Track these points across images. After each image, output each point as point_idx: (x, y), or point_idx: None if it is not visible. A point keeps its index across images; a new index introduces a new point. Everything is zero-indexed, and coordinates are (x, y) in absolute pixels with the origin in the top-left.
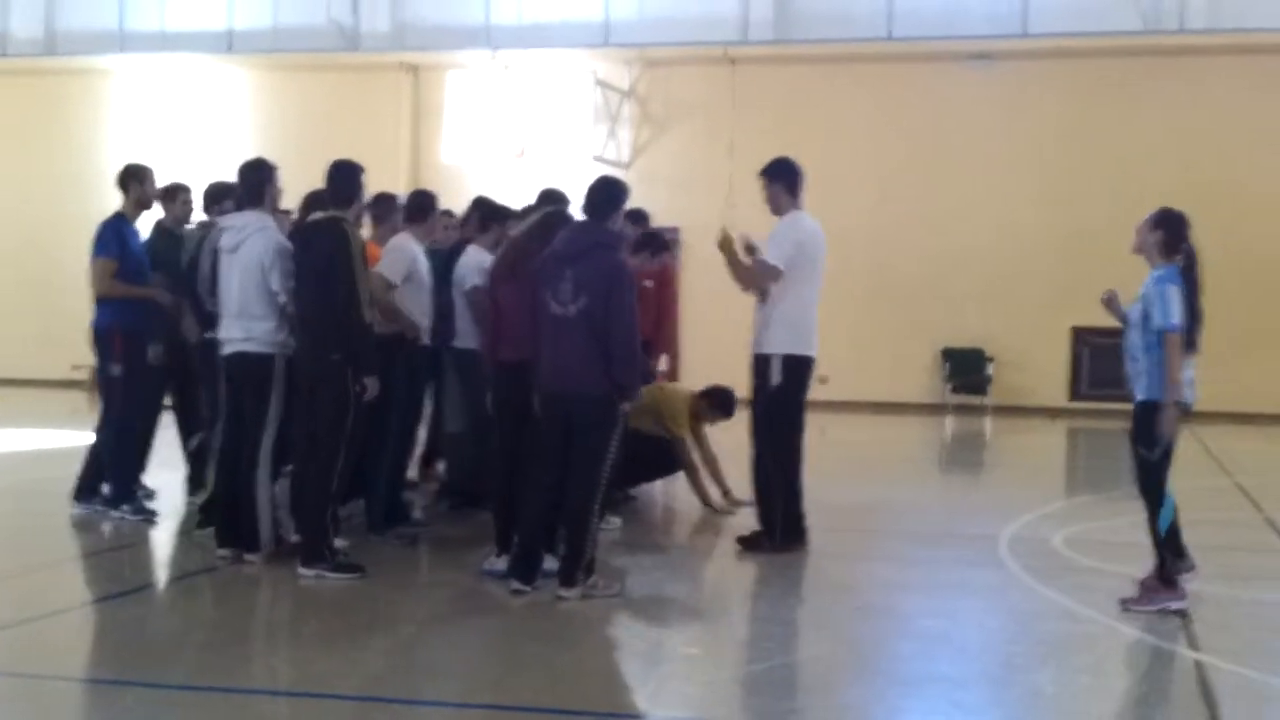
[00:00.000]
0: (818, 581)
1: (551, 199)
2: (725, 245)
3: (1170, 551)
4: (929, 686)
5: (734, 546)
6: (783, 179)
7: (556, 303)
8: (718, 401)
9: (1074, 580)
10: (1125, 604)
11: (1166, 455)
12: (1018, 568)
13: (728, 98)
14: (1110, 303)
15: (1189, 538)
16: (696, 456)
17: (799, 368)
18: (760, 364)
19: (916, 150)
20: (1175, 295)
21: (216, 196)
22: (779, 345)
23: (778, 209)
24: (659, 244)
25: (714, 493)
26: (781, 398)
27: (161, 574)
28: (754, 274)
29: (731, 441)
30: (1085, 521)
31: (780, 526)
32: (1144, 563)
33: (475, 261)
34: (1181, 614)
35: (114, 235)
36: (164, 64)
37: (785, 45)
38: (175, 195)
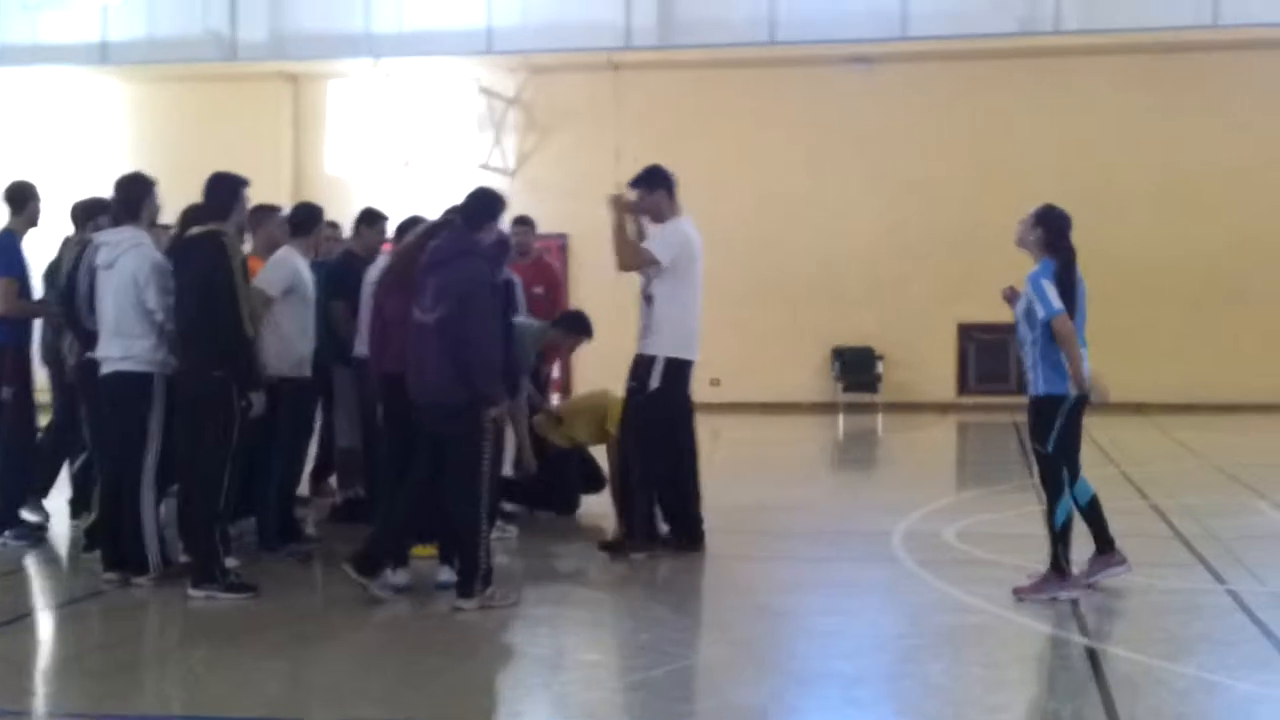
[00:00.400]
0: (715, 583)
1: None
2: (618, 203)
3: (1063, 545)
4: (825, 683)
5: (599, 552)
6: (663, 185)
7: (420, 310)
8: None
9: (966, 573)
10: (1018, 593)
11: (1064, 449)
12: (911, 562)
13: (612, 104)
14: (1011, 299)
15: (1079, 527)
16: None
17: (679, 371)
18: (642, 365)
19: (801, 152)
20: (1049, 286)
21: (91, 212)
22: (662, 348)
23: (660, 216)
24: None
25: None
26: (660, 400)
27: (46, 600)
28: (635, 251)
29: None
30: (976, 515)
31: (641, 528)
32: (1034, 554)
33: None
34: (1073, 602)
35: (11, 252)
36: (37, 76)
37: (668, 50)
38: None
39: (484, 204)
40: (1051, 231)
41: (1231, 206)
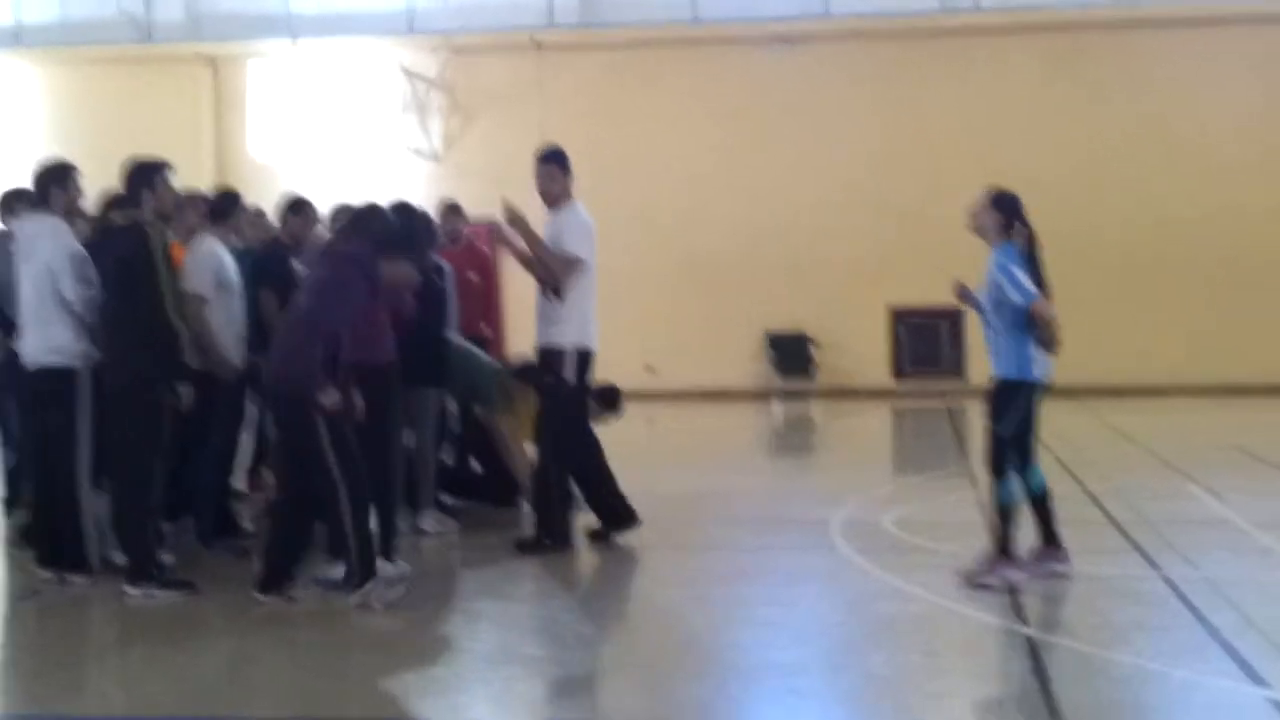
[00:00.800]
0: (655, 574)
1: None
2: (517, 220)
3: (1009, 525)
4: (766, 674)
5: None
6: (562, 165)
7: None
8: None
9: (905, 560)
10: (966, 577)
11: (1019, 433)
12: (850, 551)
13: (535, 84)
14: (964, 296)
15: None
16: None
17: (587, 361)
18: (554, 357)
19: (726, 134)
20: (1018, 272)
21: (8, 202)
22: (569, 337)
23: (550, 197)
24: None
25: None
26: (573, 392)
27: None
28: (564, 264)
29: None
30: (913, 502)
31: (559, 526)
32: (973, 540)
33: None
34: (1011, 590)
35: None
36: None
37: (591, 30)
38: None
39: (377, 226)
40: (1008, 214)
41: (1152, 185)
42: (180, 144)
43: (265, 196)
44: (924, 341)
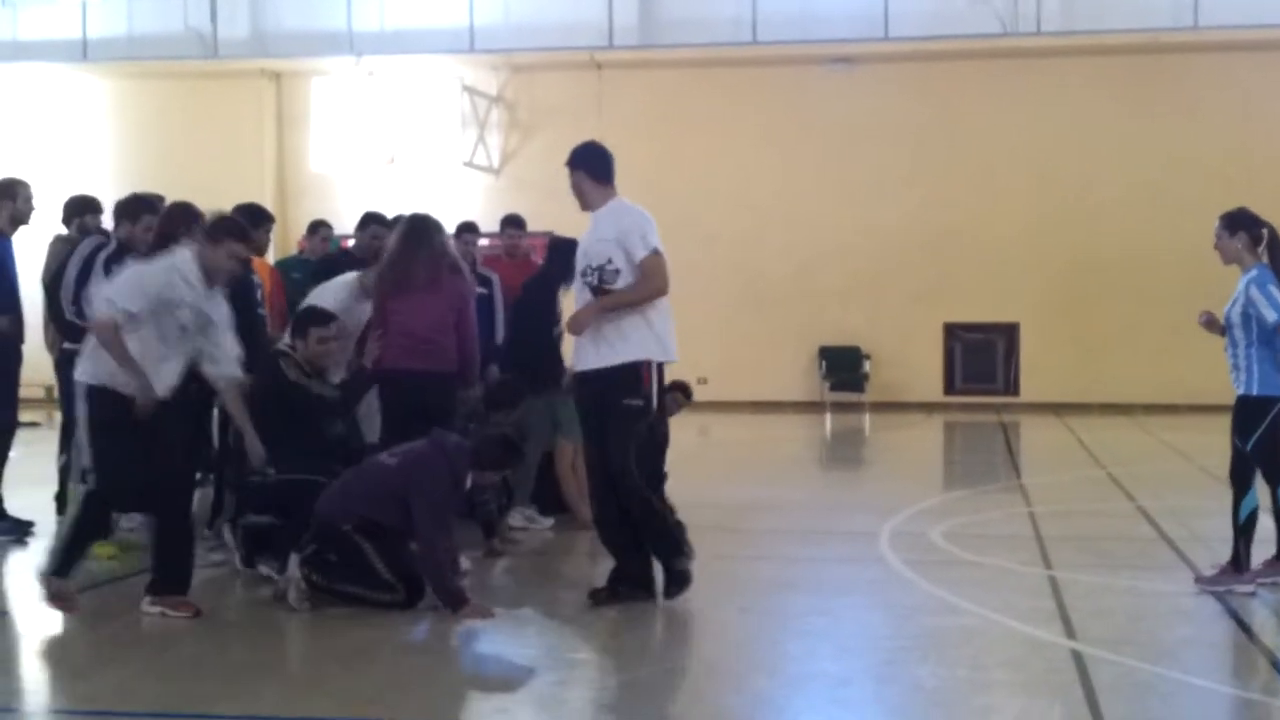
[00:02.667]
0: (703, 583)
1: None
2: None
3: (1245, 540)
4: (812, 684)
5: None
6: (581, 165)
7: None
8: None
9: (953, 574)
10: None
11: (1263, 450)
12: (898, 563)
13: (594, 103)
14: (1210, 324)
15: (1065, 528)
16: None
17: (662, 377)
18: (630, 375)
19: (784, 152)
20: (1275, 291)
21: (78, 209)
22: (649, 350)
23: (586, 202)
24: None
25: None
26: (658, 415)
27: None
28: (646, 275)
29: None
30: (962, 516)
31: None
32: (1021, 554)
33: None
34: (1059, 604)
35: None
36: (18, 73)
37: (650, 50)
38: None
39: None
40: (1252, 232)
41: (1212, 206)
42: (243, 158)
43: (326, 209)
44: (977, 357)
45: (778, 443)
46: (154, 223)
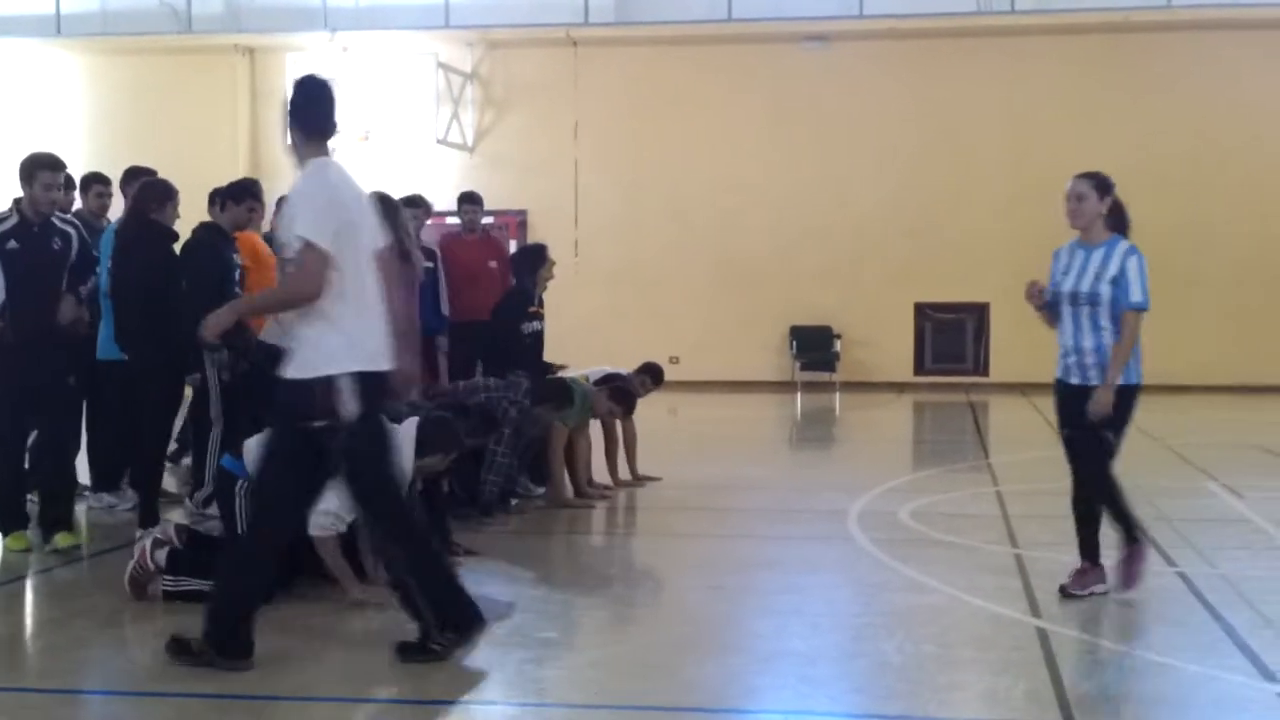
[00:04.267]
0: (671, 561)
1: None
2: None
3: (1127, 520)
4: (780, 662)
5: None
6: (295, 115)
7: None
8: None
9: (920, 552)
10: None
11: (1119, 440)
12: (866, 541)
13: (570, 80)
14: (1036, 296)
15: (1031, 507)
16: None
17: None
18: (306, 391)
19: (758, 130)
20: (1143, 270)
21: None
22: (337, 360)
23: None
24: None
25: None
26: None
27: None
28: (277, 296)
29: None
30: (930, 495)
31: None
32: (988, 533)
33: None
34: (1025, 582)
35: None
36: None
37: (626, 27)
38: (89, 187)
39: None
40: (1118, 204)
41: (1183, 187)
42: (217, 134)
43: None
44: (947, 338)
45: (748, 422)
46: (52, 178)
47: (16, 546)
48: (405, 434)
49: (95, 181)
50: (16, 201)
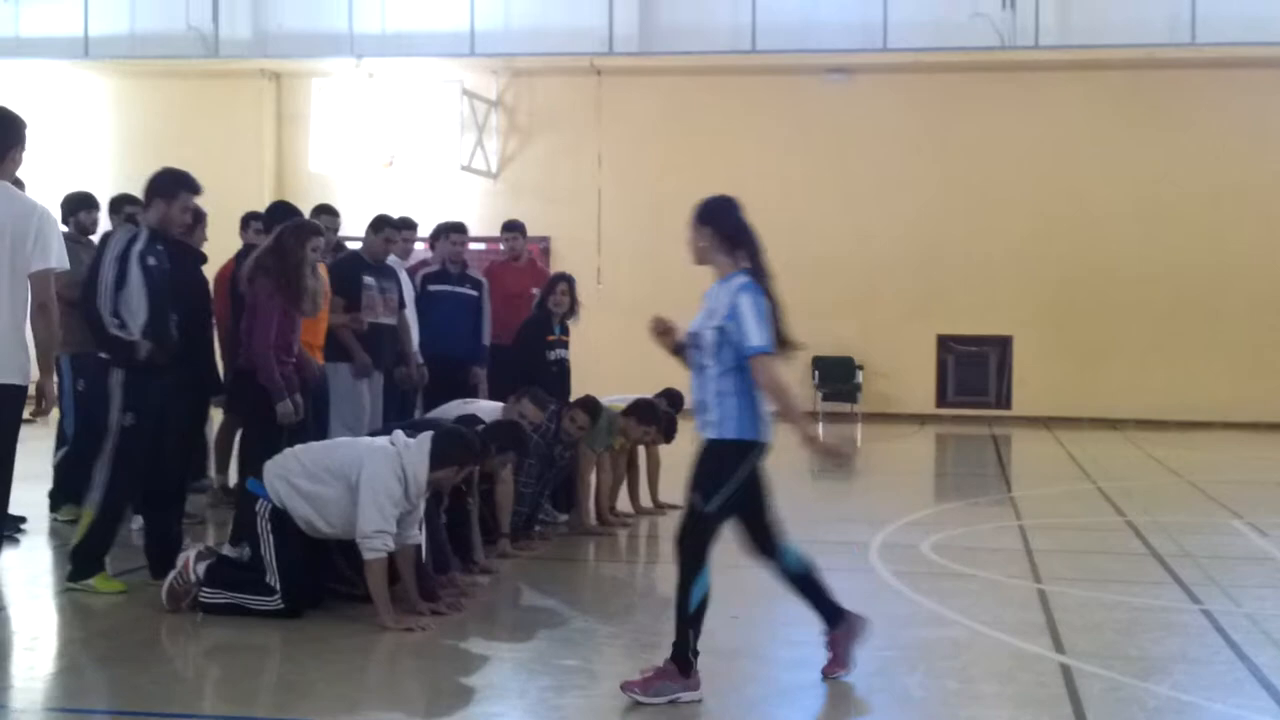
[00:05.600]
0: None
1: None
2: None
3: (694, 630)
4: (801, 694)
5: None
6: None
7: None
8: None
9: (942, 586)
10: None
11: (733, 508)
12: (888, 574)
13: (594, 108)
14: (664, 334)
15: (1055, 542)
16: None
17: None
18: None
19: (781, 161)
20: (754, 307)
21: (75, 206)
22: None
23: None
24: None
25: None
26: None
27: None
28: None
29: None
30: (952, 528)
31: None
32: (1010, 569)
33: None
34: (1048, 616)
35: None
36: (19, 70)
37: (650, 57)
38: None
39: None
40: (727, 230)
41: (1205, 223)
42: (243, 158)
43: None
44: (970, 370)
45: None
46: (191, 201)
47: (109, 589)
48: (419, 447)
49: (126, 203)
50: (130, 218)
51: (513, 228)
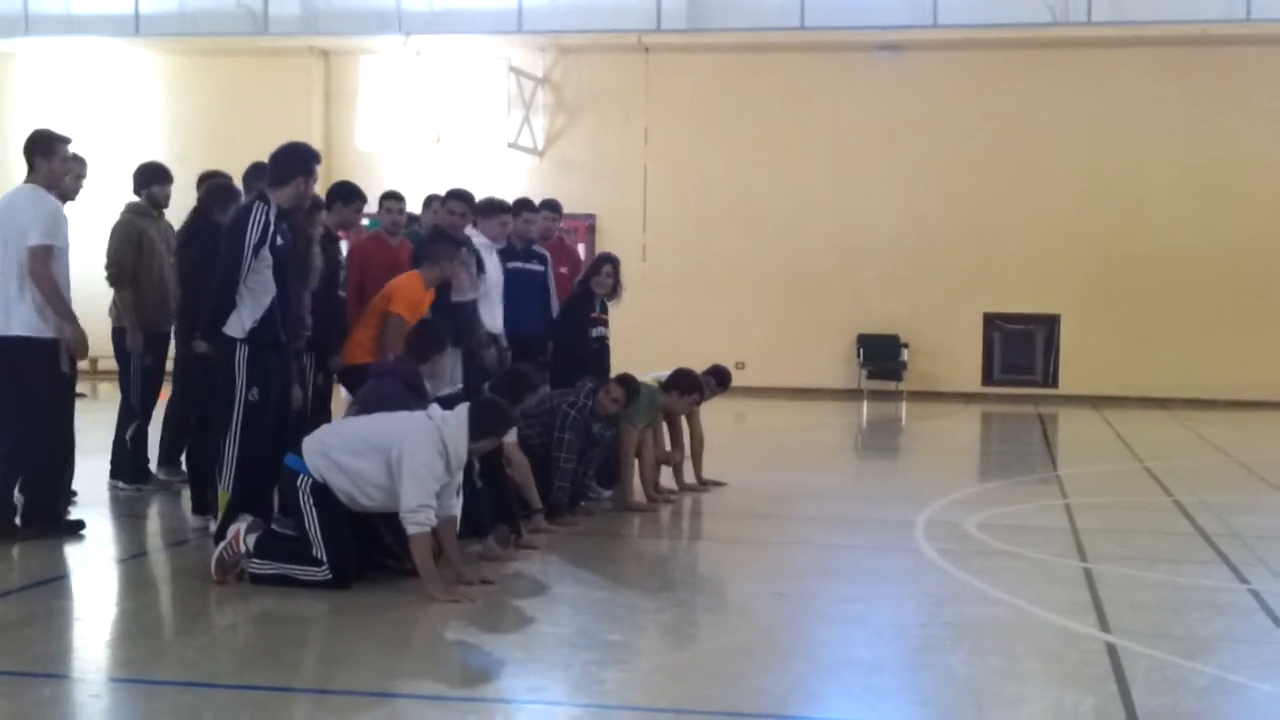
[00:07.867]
0: (736, 567)
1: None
2: None
3: None
4: (844, 670)
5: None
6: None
7: None
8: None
9: (987, 564)
10: None
11: None
12: (932, 552)
13: (641, 86)
14: None
15: (1101, 521)
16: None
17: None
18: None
19: (829, 138)
20: None
21: (150, 178)
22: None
23: None
24: None
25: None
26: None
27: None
28: None
29: None
30: (997, 506)
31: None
32: (1056, 547)
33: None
34: (1094, 595)
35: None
36: (70, 47)
37: (698, 34)
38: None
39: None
40: None
41: (1258, 201)
42: (291, 135)
43: (370, 185)
44: (1017, 348)
45: (814, 429)
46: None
47: None
48: (458, 419)
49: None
50: (261, 194)
51: (548, 206)
